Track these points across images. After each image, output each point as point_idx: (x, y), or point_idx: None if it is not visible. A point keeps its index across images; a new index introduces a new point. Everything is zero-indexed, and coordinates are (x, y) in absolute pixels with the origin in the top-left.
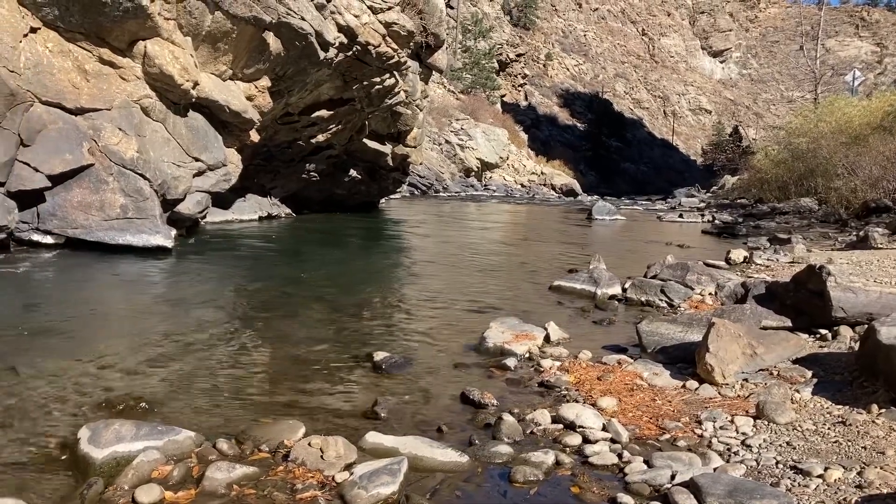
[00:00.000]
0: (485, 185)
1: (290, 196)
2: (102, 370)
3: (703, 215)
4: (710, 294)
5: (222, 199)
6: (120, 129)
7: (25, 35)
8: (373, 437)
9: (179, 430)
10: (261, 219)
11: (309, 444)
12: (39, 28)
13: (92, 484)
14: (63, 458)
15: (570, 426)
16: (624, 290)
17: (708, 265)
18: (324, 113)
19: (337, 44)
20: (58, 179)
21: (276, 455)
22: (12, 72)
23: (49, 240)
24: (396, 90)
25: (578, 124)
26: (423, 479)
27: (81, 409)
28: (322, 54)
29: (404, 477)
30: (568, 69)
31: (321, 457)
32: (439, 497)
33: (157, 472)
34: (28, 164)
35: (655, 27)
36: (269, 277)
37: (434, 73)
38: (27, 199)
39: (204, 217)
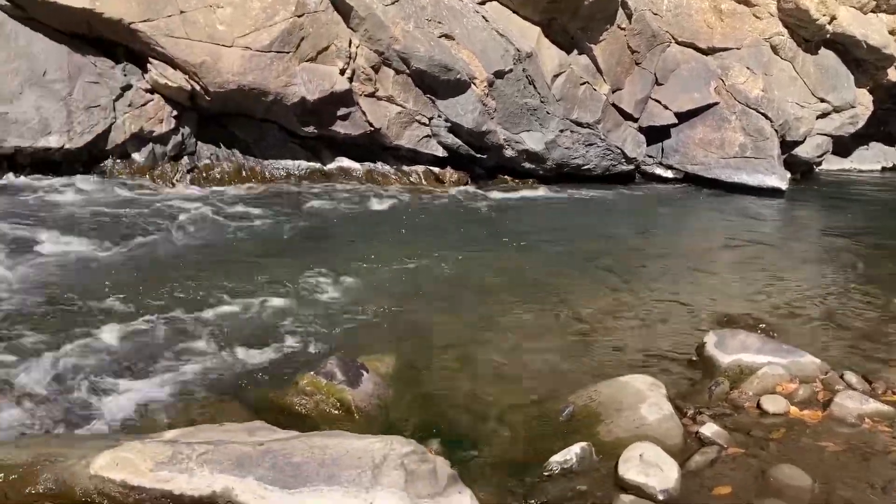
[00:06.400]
0: None
1: None
2: (718, 291)
3: None
4: None
5: (841, 146)
6: (747, 69)
7: None
8: None
9: (803, 353)
10: (884, 169)
11: None
12: None
13: (719, 383)
14: (690, 356)
15: None
16: None
17: None
18: None
19: None
20: (684, 117)
21: None
22: (655, 14)
23: (669, 174)
24: None
25: None
26: None
27: (703, 319)
28: None
29: None
30: None
31: None
32: None
33: (781, 388)
34: (659, 102)
35: None
36: (887, 231)
37: None
38: (653, 135)
39: (820, 163)
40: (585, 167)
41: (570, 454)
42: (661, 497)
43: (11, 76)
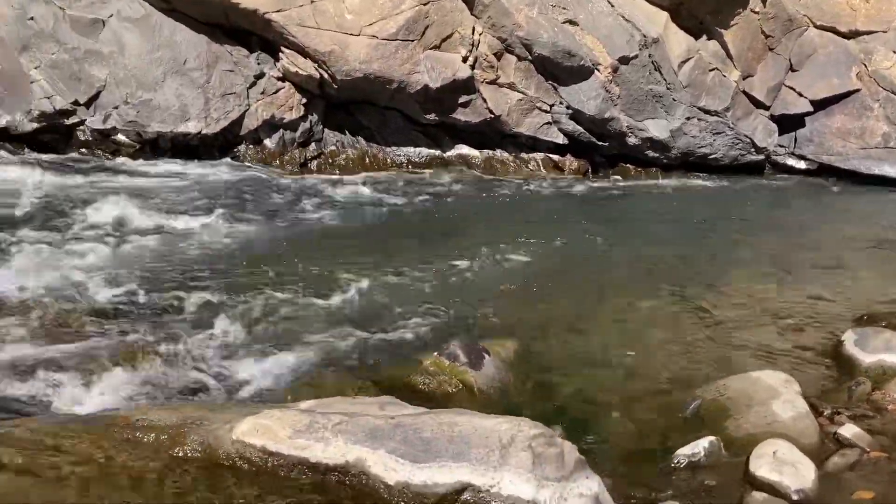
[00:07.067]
0: None
1: None
2: (857, 288)
3: None
4: None
5: None
6: (894, 52)
7: None
8: None
9: None
10: None
11: None
12: None
13: (860, 383)
14: (825, 353)
15: None
16: None
17: None
18: None
19: None
20: (819, 105)
21: None
22: None
23: (802, 165)
24: None
25: None
26: None
27: (840, 317)
28: None
29: None
30: None
31: None
32: None
33: None
34: (793, 89)
35: None
36: None
37: None
38: (786, 124)
39: None
40: (712, 156)
41: (699, 447)
42: (795, 497)
43: (155, 65)
